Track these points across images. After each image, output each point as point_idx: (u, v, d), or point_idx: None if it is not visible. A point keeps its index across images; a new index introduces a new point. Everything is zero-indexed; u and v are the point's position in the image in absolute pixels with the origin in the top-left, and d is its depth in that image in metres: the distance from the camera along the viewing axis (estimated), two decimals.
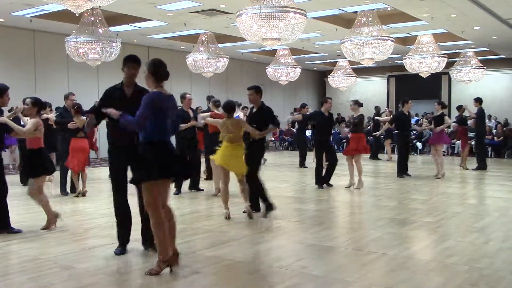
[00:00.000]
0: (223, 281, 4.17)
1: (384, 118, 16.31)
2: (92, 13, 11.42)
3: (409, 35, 16.84)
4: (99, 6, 10.03)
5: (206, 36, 14.98)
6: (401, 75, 24.03)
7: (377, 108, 17.88)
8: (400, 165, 11.61)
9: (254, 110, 7.04)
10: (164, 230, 4.20)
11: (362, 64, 13.73)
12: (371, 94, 25.79)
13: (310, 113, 10.38)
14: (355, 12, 13.09)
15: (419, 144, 19.11)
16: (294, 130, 19.70)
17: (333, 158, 9.74)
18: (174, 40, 17.35)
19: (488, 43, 17.98)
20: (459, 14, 13.24)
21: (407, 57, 15.37)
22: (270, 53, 19.21)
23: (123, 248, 4.95)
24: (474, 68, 17.36)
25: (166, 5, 12.52)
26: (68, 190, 9.03)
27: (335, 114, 15.33)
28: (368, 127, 17.90)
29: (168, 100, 4.34)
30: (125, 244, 4.99)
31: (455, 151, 18.57)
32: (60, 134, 9.16)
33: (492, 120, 20.44)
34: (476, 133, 13.62)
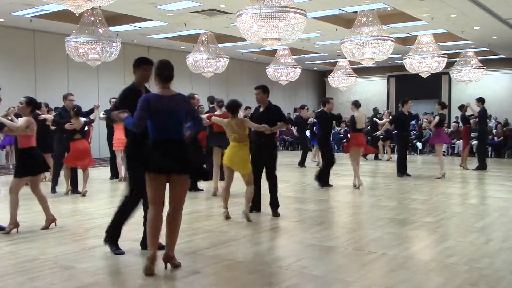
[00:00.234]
0: (223, 281, 4.17)
1: (384, 121, 16.34)
2: (92, 13, 11.42)
3: (409, 35, 16.85)
4: (99, 6, 10.03)
5: (206, 36, 14.98)
6: (401, 75, 24.03)
7: (375, 110, 17.88)
8: (400, 165, 11.66)
9: (262, 110, 6.97)
10: (150, 226, 4.32)
11: (362, 64, 13.73)
12: (371, 94, 25.79)
13: (318, 112, 10.52)
14: (355, 12, 13.09)
15: (419, 144, 19.11)
16: (294, 130, 19.69)
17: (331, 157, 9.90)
18: (174, 40, 17.35)
19: (488, 43, 17.98)
20: (459, 14, 13.24)
21: (407, 57, 15.37)
22: (270, 53, 19.21)
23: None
24: (474, 68, 17.36)
25: (166, 5, 12.52)
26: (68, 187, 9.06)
27: None
28: (367, 127, 17.91)
29: (168, 100, 4.33)
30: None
31: (455, 151, 18.57)
32: (56, 135, 9.16)
33: (492, 120, 20.45)
34: (478, 132, 13.63)
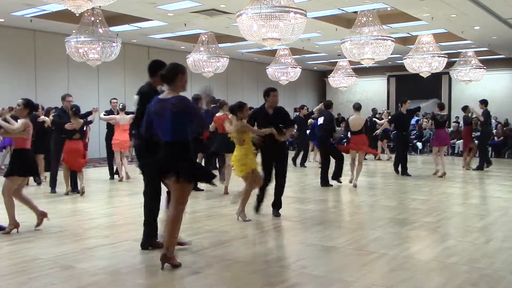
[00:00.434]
0: (223, 281, 4.16)
1: (383, 121, 16.34)
2: (92, 13, 11.41)
3: (409, 35, 16.84)
4: (99, 6, 10.03)
5: (206, 36, 14.98)
6: (401, 75, 24.01)
7: (374, 110, 17.86)
8: (401, 164, 11.78)
9: (272, 112, 6.81)
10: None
11: (362, 64, 13.73)
12: (371, 94, 25.79)
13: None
14: (355, 12, 13.09)
15: (419, 144, 19.10)
16: (295, 130, 19.67)
17: (329, 158, 10.06)
18: (174, 40, 17.35)
19: (488, 43, 17.97)
20: (459, 14, 13.24)
21: (407, 57, 15.37)
22: (270, 53, 19.20)
23: None
24: (474, 68, 17.37)
25: (166, 5, 12.52)
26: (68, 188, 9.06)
27: (335, 115, 15.38)
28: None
29: (160, 103, 4.36)
30: None
31: (456, 151, 18.57)
32: (53, 135, 9.16)
33: (493, 120, 20.43)
34: (481, 133, 13.65)
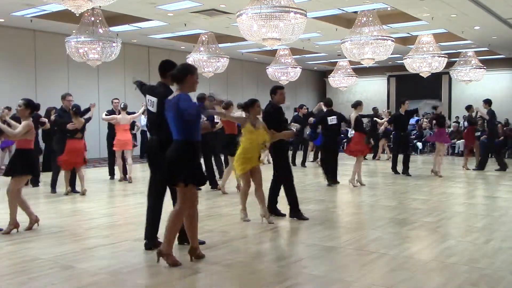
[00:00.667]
0: (223, 281, 4.16)
1: (383, 120, 16.33)
2: (92, 13, 11.41)
3: (409, 35, 16.84)
4: (99, 6, 10.03)
5: (206, 36, 14.98)
6: (401, 75, 24.02)
7: (375, 109, 17.84)
8: (403, 163, 11.83)
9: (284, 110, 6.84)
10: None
11: (363, 64, 13.73)
12: (371, 94, 25.78)
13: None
14: (355, 12, 13.09)
15: (419, 144, 19.10)
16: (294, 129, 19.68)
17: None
18: (174, 40, 17.35)
19: (488, 43, 17.97)
20: (459, 14, 13.24)
21: (408, 57, 15.37)
22: (270, 53, 19.21)
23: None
24: (475, 68, 17.37)
25: (166, 5, 12.52)
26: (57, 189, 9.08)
27: None
28: (367, 128, 17.87)
29: (169, 101, 4.44)
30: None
31: (456, 151, 18.57)
32: (56, 135, 9.17)
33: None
34: (488, 133, 13.71)
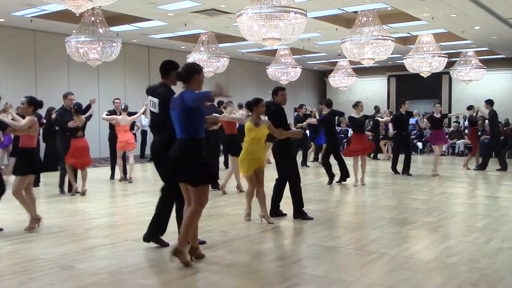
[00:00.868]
0: (223, 281, 4.16)
1: (385, 119, 16.34)
2: (93, 13, 11.41)
3: (409, 35, 16.83)
4: (100, 6, 10.02)
5: (206, 36, 14.98)
6: (401, 75, 24.01)
7: (376, 108, 17.87)
8: (404, 163, 11.82)
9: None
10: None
11: (363, 64, 13.73)
12: (371, 94, 25.77)
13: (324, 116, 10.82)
14: (356, 12, 13.08)
15: (419, 144, 19.09)
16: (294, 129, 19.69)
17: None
18: (174, 40, 17.34)
19: (489, 43, 17.96)
20: (459, 14, 13.23)
21: (408, 56, 15.37)
22: (270, 53, 19.20)
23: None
24: (475, 67, 17.36)
25: (167, 5, 12.52)
26: (66, 189, 9.06)
27: None
28: (368, 128, 17.85)
29: (174, 100, 4.48)
30: None
31: (456, 151, 18.56)
32: (59, 134, 9.18)
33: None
34: (491, 133, 13.71)
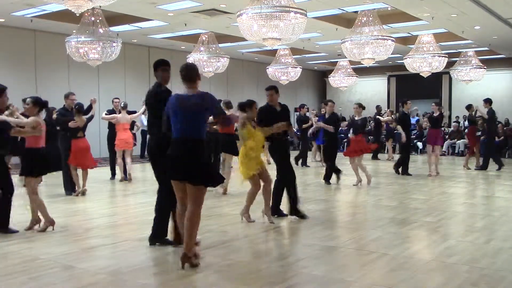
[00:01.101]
0: (223, 281, 4.16)
1: (386, 118, 16.33)
2: (93, 13, 11.40)
3: (409, 35, 16.83)
4: (100, 6, 10.02)
5: (206, 36, 14.98)
6: (401, 75, 24.01)
7: (378, 108, 17.87)
8: (401, 163, 11.76)
9: (279, 109, 6.77)
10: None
11: (363, 64, 13.72)
12: (371, 94, 25.77)
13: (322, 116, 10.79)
14: (356, 12, 13.08)
15: (420, 144, 19.10)
16: (295, 130, 19.69)
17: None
18: (174, 40, 17.35)
19: (489, 43, 17.96)
20: (459, 13, 13.23)
21: (408, 56, 15.36)
22: (270, 53, 19.19)
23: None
24: (475, 67, 17.35)
25: (167, 5, 12.52)
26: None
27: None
28: (368, 127, 17.84)
29: (182, 100, 4.42)
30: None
31: (456, 151, 18.57)
32: (60, 134, 9.18)
33: None
34: (487, 132, 13.67)
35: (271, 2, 8.98)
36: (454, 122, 20.90)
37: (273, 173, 6.81)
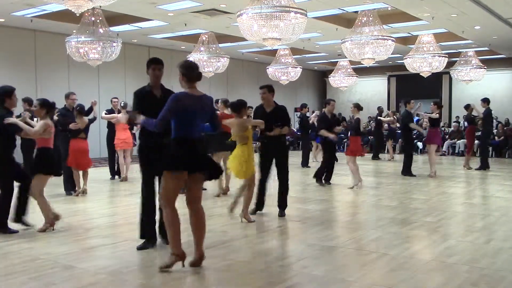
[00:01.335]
0: (223, 281, 4.16)
1: (388, 118, 16.34)
2: (93, 13, 11.41)
3: (409, 35, 16.83)
4: (100, 6, 10.02)
5: (206, 36, 14.98)
6: (401, 75, 24.00)
7: (379, 109, 17.87)
8: (407, 164, 11.77)
9: (269, 110, 6.81)
10: (172, 225, 4.29)
11: (363, 64, 13.72)
12: (371, 94, 25.77)
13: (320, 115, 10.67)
14: (356, 12, 13.08)
15: (420, 144, 19.10)
16: (295, 130, 19.70)
17: (333, 157, 10.11)
18: (174, 40, 17.35)
19: (489, 43, 17.96)
20: (459, 13, 13.23)
21: (408, 56, 15.36)
22: (270, 53, 19.19)
23: (146, 243, 5.08)
24: (475, 67, 17.35)
25: (167, 5, 12.52)
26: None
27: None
28: (368, 127, 17.87)
29: (197, 100, 4.35)
30: (148, 238, 5.11)
31: (456, 151, 18.57)
32: (61, 135, 9.18)
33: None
34: (482, 132, 13.63)
35: (271, 2, 8.98)
36: (454, 122, 20.89)
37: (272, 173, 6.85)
